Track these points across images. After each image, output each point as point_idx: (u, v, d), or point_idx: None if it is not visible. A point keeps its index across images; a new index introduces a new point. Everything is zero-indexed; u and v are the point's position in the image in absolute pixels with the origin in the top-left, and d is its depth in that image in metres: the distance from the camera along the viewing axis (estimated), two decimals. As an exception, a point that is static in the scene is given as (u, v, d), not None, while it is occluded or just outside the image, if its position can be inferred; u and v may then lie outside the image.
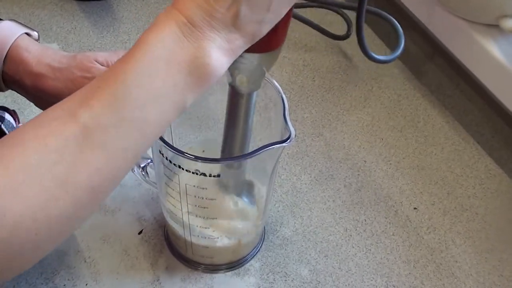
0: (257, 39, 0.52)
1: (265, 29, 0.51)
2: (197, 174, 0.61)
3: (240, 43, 0.51)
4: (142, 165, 0.71)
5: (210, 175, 0.61)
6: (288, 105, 0.87)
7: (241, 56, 0.54)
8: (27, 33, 0.70)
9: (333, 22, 0.98)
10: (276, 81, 0.64)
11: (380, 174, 0.82)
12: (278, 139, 0.60)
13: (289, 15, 0.54)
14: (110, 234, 0.74)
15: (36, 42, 0.70)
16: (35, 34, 0.71)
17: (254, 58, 0.55)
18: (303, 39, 0.97)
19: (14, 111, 0.70)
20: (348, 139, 0.86)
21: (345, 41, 0.95)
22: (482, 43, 0.79)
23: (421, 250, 0.75)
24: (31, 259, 0.50)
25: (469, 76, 0.84)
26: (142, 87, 0.49)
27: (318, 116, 0.88)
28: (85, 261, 0.72)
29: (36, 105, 0.71)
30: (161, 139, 0.60)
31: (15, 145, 0.47)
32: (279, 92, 0.64)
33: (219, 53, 0.50)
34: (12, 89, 0.71)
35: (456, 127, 0.88)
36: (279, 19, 0.52)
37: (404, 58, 0.95)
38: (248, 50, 0.53)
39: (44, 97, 0.68)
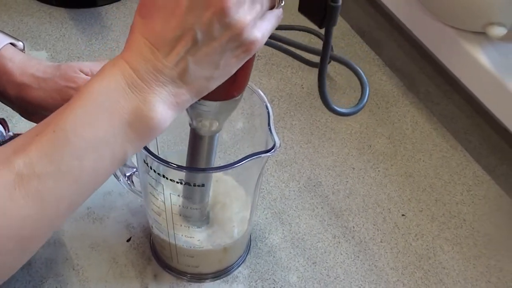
0: (205, 93, 0.51)
1: (214, 85, 0.51)
2: (181, 183, 0.61)
3: (186, 98, 0.50)
4: (127, 174, 0.71)
5: (194, 185, 0.61)
6: (277, 112, 0.88)
7: (200, 102, 0.54)
8: (12, 43, 0.69)
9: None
10: (264, 89, 0.64)
11: (369, 181, 0.82)
12: (263, 148, 0.60)
13: (248, 66, 0.54)
14: (98, 242, 0.74)
15: (21, 52, 0.70)
16: (20, 44, 0.71)
17: (213, 105, 0.55)
18: (291, 47, 0.97)
19: (3, 119, 0.70)
20: (336, 146, 0.86)
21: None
22: (469, 51, 0.80)
23: (409, 256, 0.76)
24: None
25: (457, 84, 0.85)
26: (81, 136, 0.48)
27: (306, 123, 0.88)
28: (73, 269, 0.72)
29: (21, 115, 0.71)
30: (145, 148, 0.60)
31: None
32: (264, 101, 0.64)
33: (164, 107, 0.49)
34: None
35: (444, 134, 0.88)
36: (228, 76, 0.51)
37: (392, 66, 0.95)
38: (207, 98, 0.53)
39: (28, 107, 0.68)
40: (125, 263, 0.73)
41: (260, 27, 0.49)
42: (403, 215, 0.79)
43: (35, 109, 0.67)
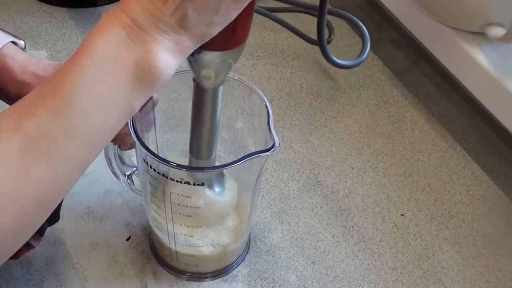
0: (207, 39, 0.51)
1: (215, 31, 0.51)
2: (181, 182, 0.61)
3: (188, 44, 0.50)
4: (127, 173, 0.71)
5: (194, 184, 0.61)
6: (276, 112, 0.88)
7: (203, 53, 0.53)
8: (13, 42, 0.70)
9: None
10: (264, 89, 0.64)
11: (368, 181, 0.83)
12: (263, 147, 0.60)
13: (248, 13, 0.53)
14: (98, 241, 0.75)
15: (22, 51, 0.70)
16: (21, 43, 0.71)
17: (214, 55, 0.55)
18: (291, 47, 0.98)
19: None
20: (335, 146, 0.86)
21: (333, 48, 0.95)
22: (468, 51, 0.80)
23: (408, 256, 0.76)
24: None
25: (456, 84, 0.85)
26: (87, 93, 0.47)
27: (306, 123, 0.88)
28: (73, 268, 0.72)
29: None
30: (145, 147, 0.60)
31: None
32: (264, 101, 0.64)
33: (167, 55, 0.49)
34: None
35: (443, 134, 0.88)
36: (229, 21, 0.51)
37: (391, 66, 0.95)
38: (210, 48, 0.52)
39: None
40: (124, 262, 0.73)
41: None
42: (402, 214, 0.80)
43: None
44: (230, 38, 0.54)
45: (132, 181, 0.72)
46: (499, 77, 0.77)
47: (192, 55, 0.52)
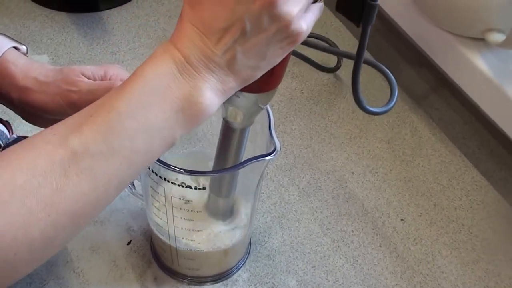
0: (250, 82, 0.53)
1: (258, 74, 0.53)
2: (182, 186, 0.61)
3: (233, 85, 0.52)
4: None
5: (195, 188, 0.62)
6: (277, 117, 0.89)
7: (237, 94, 0.55)
8: (15, 47, 0.70)
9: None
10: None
11: (368, 186, 0.83)
12: (264, 152, 0.61)
13: (286, 59, 0.55)
14: (99, 245, 0.75)
15: (24, 56, 0.70)
16: (23, 48, 0.71)
17: (250, 97, 0.56)
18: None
19: (7, 122, 0.71)
20: (336, 150, 0.86)
21: (332, 54, 0.96)
22: (468, 57, 0.80)
23: (408, 261, 0.76)
24: (6, 280, 0.50)
25: (456, 89, 0.85)
26: (134, 118, 0.50)
27: (306, 128, 0.89)
28: (74, 272, 0.72)
29: (23, 118, 0.71)
30: None
31: (4, 165, 0.48)
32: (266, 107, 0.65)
33: (212, 93, 0.51)
34: None
35: (443, 139, 0.88)
36: (273, 65, 0.53)
37: (392, 71, 0.95)
38: (245, 90, 0.54)
39: (30, 110, 0.68)
40: (125, 266, 0.73)
41: (305, 18, 0.51)
42: (402, 219, 0.80)
43: (37, 112, 0.68)
44: (267, 81, 0.55)
45: (133, 185, 0.73)
46: (499, 82, 0.77)
47: None
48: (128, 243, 0.75)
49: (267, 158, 0.60)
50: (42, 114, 0.68)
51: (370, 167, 0.85)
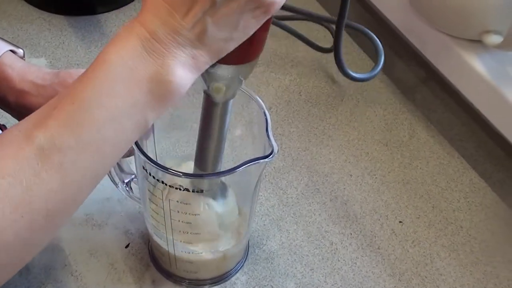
0: (223, 55, 0.51)
1: (232, 46, 0.50)
2: (180, 189, 0.61)
3: (205, 59, 0.50)
4: (126, 181, 0.71)
5: (193, 190, 0.62)
6: (275, 120, 0.89)
7: (217, 66, 0.53)
8: (12, 51, 0.70)
9: (320, 35, 0.99)
10: (263, 96, 0.64)
11: (366, 188, 0.83)
12: (262, 155, 0.60)
13: (265, 29, 0.53)
14: (97, 248, 0.75)
15: (21, 59, 0.70)
16: (20, 51, 0.71)
17: (230, 69, 0.54)
18: (289, 54, 0.98)
19: (4, 125, 0.71)
20: (334, 153, 0.86)
21: (331, 56, 0.96)
22: (465, 58, 0.80)
23: (406, 263, 0.76)
24: None
25: (453, 91, 0.85)
26: (101, 107, 0.47)
27: (304, 130, 0.89)
28: (72, 275, 0.72)
29: (19, 121, 0.71)
30: (144, 154, 0.60)
31: None
32: (262, 108, 0.64)
33: (183, 69, 0.49)
34: None
35: (441, 141, 0.88)
36: (246, 37, 0.50)
37: (389, 74, 0.96)
38: (223, 62, 0.52)
39: (27, 113, 0.67)
40: (123, 269, 0.73)
41: None
42: (400, 221, 0.80)
43: None
44: (245, 52, 0.53)
45: (131, 188, 0.72)
46: (496, 84, 0.77)
47: None
48: (126, 246, 0.75)
49: (265, 160, 0.60)
50: None
51: (368, 169, 0.85)
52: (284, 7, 0.80)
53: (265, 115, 0.63)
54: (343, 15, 0.55)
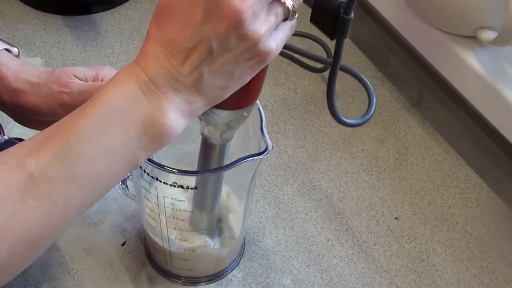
0: (218, 102, 0.52)
1: (227, 94, 0.51)
2: (174, 186, 0.61)
3: (200, 105, 0.51)
4: (123, 179, 0.72)
5: (187, 188, 0.62)
6: (270, 117, 0.89)
7: (212, 111, 0.54)
8: (7, 49, 0.70)
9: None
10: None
11: (362, 185, 0.83)
12: (256, 152, 0.61)
13: (261, 76, 0.54)
14: (93, 246, 0.75)
15: (16, 58, 0.70)
16: (15, 50, 0.71)
17: (225, 114, 0.56)
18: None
19: None
20: (329, 150, 0.86)
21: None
22: (461, 55, 0.81)
23: (402, 259, 0.76)
24: None
25: (449, 88, 0.85)
26: (94, 142, 0.48)
27: (300, 127, 0.89)
28: (68, 273, 0.72)
29: (15, 120, 0.71)
30: None
31: None
32: (256, 105, 0.64)
33: (178, 114, 0.50)
34: None
35: (436, 138, 0.89)
36: (242, 85, 0.51)
37: (385, 71, 0.96)
38: (219, 107, 0.53)
39: (22, 112, 0.68)
40: (119, 267, 0.73)
41: (275, 37, 0.50)
42: (396, 218, 0.80)
43: (29, 114, 0.68)
44: (241, 98, 0.54)
45: (127, 186, 0.72)
46: (492, 80, 0.77)
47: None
48: (122, 245, 0.75)
49: (258, 157, 0.60)
50: (34, 116, 0.68)
51: (364, 166, 0.85)
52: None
53: (260, 112, 0.63)
54: (336, 63, 0.56)
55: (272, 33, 0.49)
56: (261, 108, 0.64)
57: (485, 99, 0.80)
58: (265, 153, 0.60)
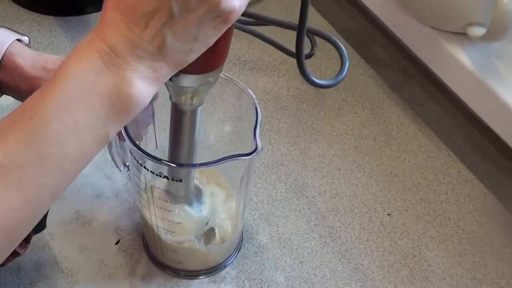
0: (184, 66, 0.50)
1: (193, 57, 0.50)
2: (160, 176, 0.61)
3: (165, 71, 0.49)
4: (127, 163, 0.71)
5: (172, 179, 0.62)
6: (263, 115, 0.89)
7: (180, 76, 0.53)
8: (18, 39, 0.71)
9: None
10: (252, 92, 0.64)
11: (354, 182, 0.83)
12: (249, 151, 0.60)
13: (227, 37, 0.53)
14: (87, 245, 0.75)
15: (28, 47, 0.71)
16: (25, 39, 0.72)
17: (192, 78, 0.54)
18: (277, 51, 0.98)
19: None
20: (322, 147, 0.87)
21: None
22: (451, 51, 0.81)
23: (395, 255, 0.76)
24: None
25: (440, 84, 0.86)
26: (60, 122, 0.47)
27: (293, 125, 0.89)
28: (62, 272, 0.73)
29: None
30: (128, 137, 0.60)
31: None
32: (254, 104, 0.64)
33: (143, 82, 0.48)
34: (8, 95, 0.71)
35: (428, 134, 0.89)
36: (207, 47, 0.50)
37: (377, 68, 0.96)
38: (186, 72, 0.52)
39: None
40: (113, 265, 0.74)
41: None
42: (388, 214, 0.80)
43: None
44: (208, 61, 0.53)
45: (127, 166, 0.72)
46: (481, 76, 0.78)
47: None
48: (116, 243, 0.76)
49: (247, 157, 0.59)
50: None
51: (357, 163, 0.85)
52: (245, 14, 0.78)
53: (256, 113, 0.63)
54: (303, 22, 0.55)
55: None
56: (259, 108, 0.63)
57: (475, 95, 0.80)
58: (253, 154, 0.59)
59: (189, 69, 0.51)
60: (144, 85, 0.48)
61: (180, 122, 0.60)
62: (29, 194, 0.47)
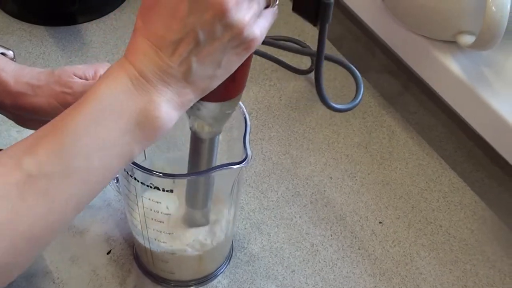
0: (207, 92, 0.53)
1: (216, 83, 0.53)
2: (151, 187, 0.62)
3: (190, 97, 0.52)
4: (116, 176, 0.71)
5: (163, 190, 0.62)
6: (255, 124, 0.89)
7: (200, 104, 0.55)
8: (2, 53, 0.70)
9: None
10: (243, 101, 0.64)
11: (346, 190, 0.84)
12: (240, 159, 0.61)
13: (246, 65, 0.55)
14: (78, 255, 0.75)
15: (12, 61, 0.71)
16: (10, 53, 0.72)
17: (213, 106, 0.57)
18: (269, 59, 0.99)
19: None
20: (314, 156, 0.87)
21: (309, 60, 0.97)
22: (441, 59, 0.81)
23: (386, 263, 0.77)
24: None
25: (431, 92, 0.86)
26: (89, 137, 0.49)
27: (284, 134, 0.89)
28: (53, 282, 0.73)
29: (16, 122, 0.72)
30: None
31: None
32: (244, 114, 0.65)
33: (169, 106, 0.51)
34: None
35: (420, 142, 0.89)
36: (229, 74, 0.53)
37: (368, 76, 0.96)
38: (207, 99, 0.54)
39: (25, 114, 0.69)
40: (105, 276, 0.73)
41: (258, 24, 0.51)
42: (380, 222, 0.80)
43: (32, 116, 0.69)
44: (228, 89, 0.56)
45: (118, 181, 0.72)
46: (471, 84, 0.78)
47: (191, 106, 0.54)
48: (108, 253, 0.76)
49: (237, 166, 0.60)
50: (37, 117, 0.69)
51: (348, 171, 0.86)
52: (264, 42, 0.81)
53: (245, 121, 0.64)
54: (321, 49, 0.57)
55: (255, 20, 0.51)
56: (247, 117, 0.64)
57: (465, 103, 0.81)
58: (244, 163, 0.60)
59: (210, 97, 0.54)
60: (169, 109, 0.51)
61: (199, 149, 0.62)
62: (55, 204, 0.49)
